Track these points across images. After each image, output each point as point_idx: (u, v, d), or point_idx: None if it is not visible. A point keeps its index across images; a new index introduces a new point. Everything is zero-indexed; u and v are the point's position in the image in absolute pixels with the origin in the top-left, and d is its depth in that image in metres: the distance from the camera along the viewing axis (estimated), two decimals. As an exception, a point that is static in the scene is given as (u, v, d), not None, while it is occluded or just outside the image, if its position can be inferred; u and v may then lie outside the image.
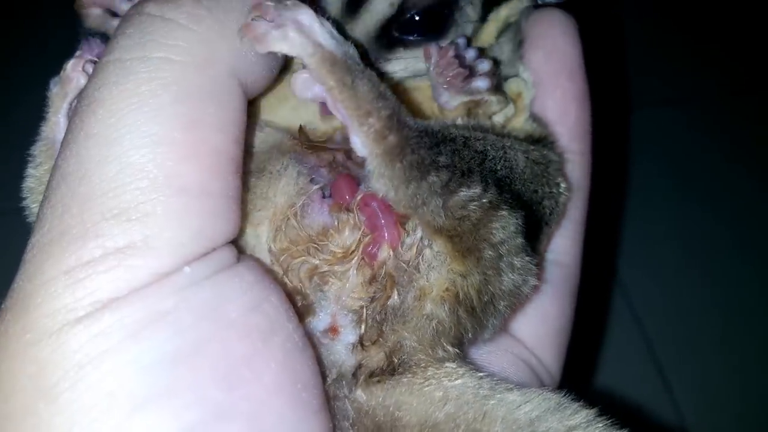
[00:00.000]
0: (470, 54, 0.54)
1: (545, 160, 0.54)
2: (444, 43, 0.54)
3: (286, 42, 0.44)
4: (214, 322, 0.37)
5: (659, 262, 1.22)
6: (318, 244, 0.49)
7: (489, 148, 0.50)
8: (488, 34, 0.58)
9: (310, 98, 0.47)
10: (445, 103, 0.53)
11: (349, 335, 0.49)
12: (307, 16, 0.46)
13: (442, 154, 0.47)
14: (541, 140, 0.58)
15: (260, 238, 0.49)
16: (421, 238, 0.49)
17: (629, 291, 1.19)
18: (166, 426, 0.34)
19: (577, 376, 1.01)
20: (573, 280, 0.64)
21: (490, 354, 0.58)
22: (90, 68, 0.50)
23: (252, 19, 0.43)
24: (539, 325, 0.61)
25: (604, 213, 0.86)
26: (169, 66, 0.38)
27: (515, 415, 0.44)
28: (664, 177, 1.31)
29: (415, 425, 0.44)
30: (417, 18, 0.53)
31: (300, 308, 0.48)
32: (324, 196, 0.50)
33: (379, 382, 0.47)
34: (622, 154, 1.32)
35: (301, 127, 0.53)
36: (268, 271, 0.43)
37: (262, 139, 0.53)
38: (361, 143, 0.46)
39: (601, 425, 0.45)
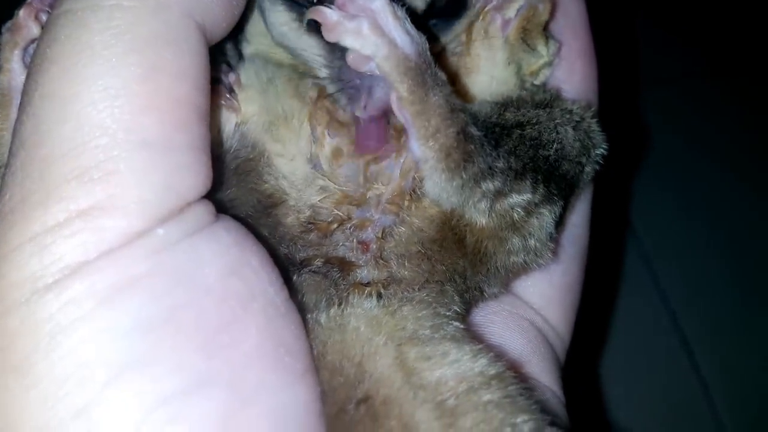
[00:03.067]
0: None
1: (584, 116, 0.53)
2: None
3: (358, 38, 0.43)
4: (191, 288, 0.35)
5: (673, 216, 1.21)
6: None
7: (543, 131, 0.49)
8: None
9: (365, 71, 0.45)
10: (503, 28, 0.52)
11: (372, 248, 0.50)
12: (383, 5, 0.43)
13: (500, 158, 0.47)
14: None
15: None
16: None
17: (644, 245, 1.18)
18: (145, 394, 0.33)
19: (591, 331, 1.00)
20: (581, 241, 0.63)
21: (493, 314, 0.57)
22: (43, 17, 0.48)
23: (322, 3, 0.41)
24: (545, 285, 0.60)
25: (617, 171, 0.84)
26: (120, 13, 0.36)
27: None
28: (679, 134, 1.30)
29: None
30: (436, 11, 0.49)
31: (356, 222, 0.50)
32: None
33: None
34: (634, 120, 1.30)
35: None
36: (248, 232, 0.41)
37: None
38: (422, 154, 0.46)
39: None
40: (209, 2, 0.39)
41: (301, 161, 0.51)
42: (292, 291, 0.41)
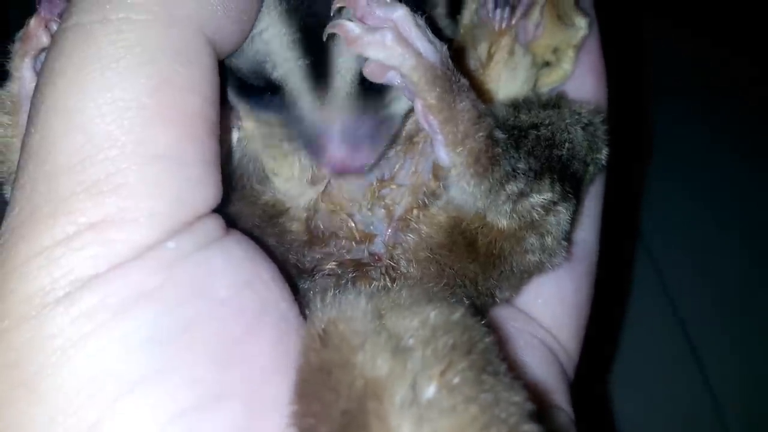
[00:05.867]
0: None
1: (593, 121, 0.54)
2: None
3: (383, 50, 0.43)
4: (204, 301, 0.35)
5: (683, 225, 1.23)
6: None
7: (555, 131, 0.50)
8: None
9: (383, 82, 0.45)
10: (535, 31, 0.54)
11: (385, 260, 0.50)
12: (404, 15, 0.43)
13: (521, 159, 0.47)
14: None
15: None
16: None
17: (654, 254, 1.19)
18: (159, 409, 0.33)
19: (601, 343, 1.00)
20: (591, 257, 0.64)
21: (505, 333, 0.55)
22: (54, 26, 0.48)
23: (342, 14, 0.42)
24: (556, 304, 0.60)
25: (627, 184, 0.84)
26: (130, 26, 0.36)
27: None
28: (688, 144, 1.32)
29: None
30: None
31: (360, 234, 0.50)
32: None
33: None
34: (643, 133, 1.32)
35: None
36: (258, 247, 0.41)
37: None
38: (450, 161, 0.46)
39: None
40: (220, 17, 0.39)
41: (297, 183, 0.51)
42: (302, 305, 0.41)
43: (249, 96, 0.49)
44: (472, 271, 0.50)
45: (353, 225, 0.51)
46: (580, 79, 0.60)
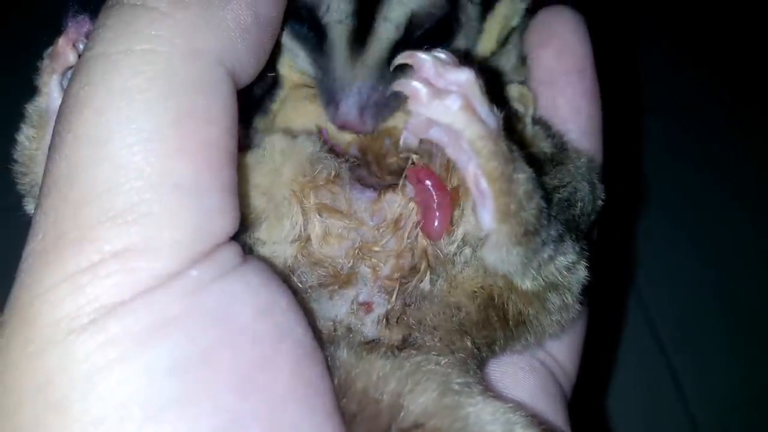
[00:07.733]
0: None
1: (593, 177, 0.55)
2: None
3: (449, 116, 0.41)
4: (225, 328, 0.36)
5: (675, 268, 1.23)
6: (359, 220, 0.49)
7: (570, 192, 0.51)
8: (490, 37, 0.56)
9: (424, 138, 0.44)
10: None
11: (379, 310, 0.48)
12: (472, 80, 0.42)
13: (552, 226, 0.47)
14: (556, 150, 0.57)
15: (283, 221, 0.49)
16: (463, 239, 0.48)
17: (644, 298, 1.20)
18: None
19: (592, 384, 1.02)
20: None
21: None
22: (80, 46, 0.50)
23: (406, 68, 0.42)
24: None
25: (618, 216, 0.86)
26: (153, 58, 0.37)
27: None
28: (679, 180, 1.32)
29: (386, 404, 0.43)
30: (426, 35, 0.50)
31: (342, 278, 0.48)
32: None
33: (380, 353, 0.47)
34: (635, 157, 1.32)
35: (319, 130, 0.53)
36: (274, 274, 0.42)
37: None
38: (493, 227, 0.44)
39: None
40: (239, 49, 0.40)
41: (281, 244, 0.50)
42: (317, 331, 0.42)
43: (298, 35, 0.51)
44: (493, 339, 0.50)
45: (336, 268, 0.49)
46: (575, 105, 0.60)
